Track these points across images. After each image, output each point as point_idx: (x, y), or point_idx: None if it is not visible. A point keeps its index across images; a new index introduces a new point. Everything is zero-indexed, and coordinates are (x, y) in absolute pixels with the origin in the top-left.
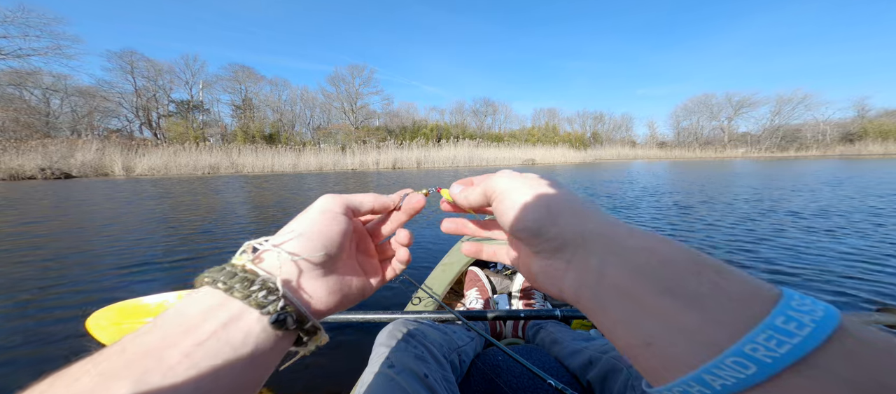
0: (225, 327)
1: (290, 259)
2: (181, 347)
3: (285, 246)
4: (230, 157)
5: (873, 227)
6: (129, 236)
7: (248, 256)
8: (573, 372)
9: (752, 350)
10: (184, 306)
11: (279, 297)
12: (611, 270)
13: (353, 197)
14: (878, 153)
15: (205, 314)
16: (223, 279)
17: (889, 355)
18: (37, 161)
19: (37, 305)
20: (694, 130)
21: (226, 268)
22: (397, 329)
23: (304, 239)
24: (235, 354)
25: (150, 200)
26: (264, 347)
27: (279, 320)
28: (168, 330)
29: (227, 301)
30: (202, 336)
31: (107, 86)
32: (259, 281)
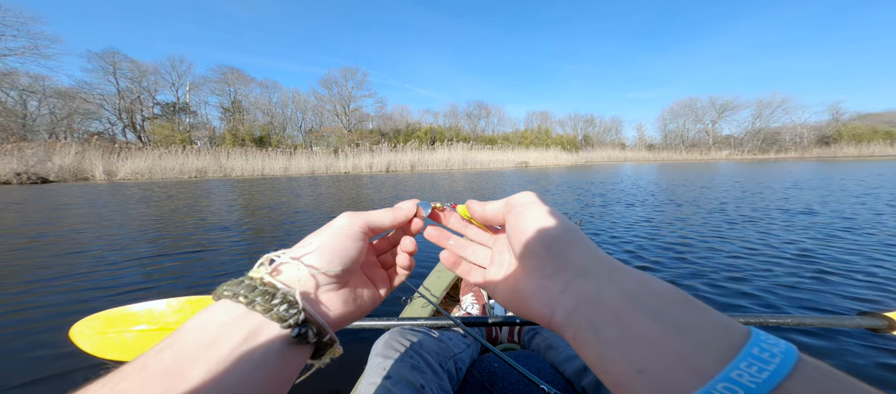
0: (246, 342)
1: (309, 272)
2: (202, 363)
3: (304, 259)
4: (218, 160)
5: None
6: (113, 242)
7: (265, 269)
8: (568, 378)
9: (738, 376)
10: (202, 320)
11: (300, 310)
12: (607, 297)
13: (372, 216)
14: (853, 155)
15: (224, 329)
16: (244, 293)
17: (839, 380)
18: (12, 165)
19: (17, 315)
20: (680, 133)
21: (244, 281)
22: (393, 339)
23: (324, 252)
24: (255, 369)
25: (133, 204)
26: (283, 361)
27: (300, 334)
28: (187, 346)
29: (247, 315)
30: (223, 352)
31: (87, 87)
32: (279, 295)
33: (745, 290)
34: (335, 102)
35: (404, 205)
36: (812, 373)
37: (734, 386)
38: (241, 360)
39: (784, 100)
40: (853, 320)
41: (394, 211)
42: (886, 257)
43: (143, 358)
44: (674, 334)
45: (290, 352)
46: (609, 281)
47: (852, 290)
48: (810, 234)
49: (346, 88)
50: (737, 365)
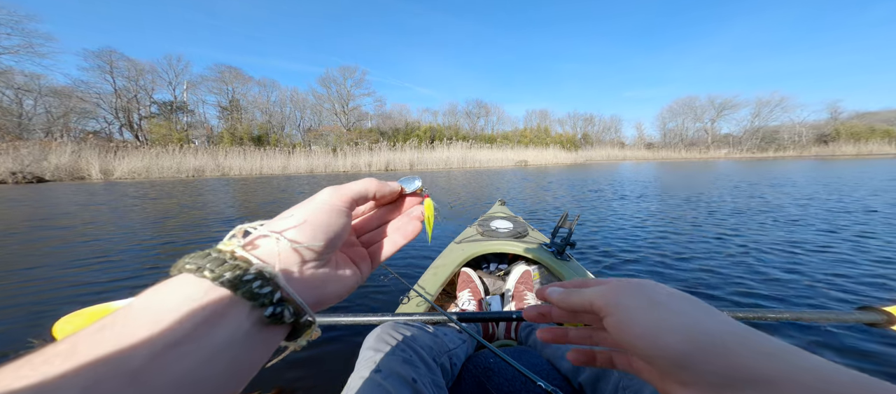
0: (206, 324)
1: (290, 247)
2: (149, 348)
3: (287, 233)
4: (216, 159)
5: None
6: (102, 240)
7: (237, 241)
8: (564, 374)
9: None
10: (154, 296)
11: (276, 288)
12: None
13: (356, 188)
14: (851, 154)
15: (181, 307)
16: (210, 266)
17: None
18: (7, 165)
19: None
20: (679, 132)
21: (211, 253)
22: (385, 333)
23: (306, 226)
24: (217, 354)
25: (127, 202)
26: (252, 344)
27: (275, 314)
28: (134, 326)
29: (212, 291)
30: (177, 336)
31: (84, 86)
32: (253, 270)
33: (745, 284)
34: (334, 101)
35: (392, 184)
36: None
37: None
38: (198, 347)
39: (783, 99)
40: (852, 315)
41: (380, 183)
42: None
43: (77, 337)
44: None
45: (261, 334)
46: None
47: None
48: (805, 230)
49: (344, 87)
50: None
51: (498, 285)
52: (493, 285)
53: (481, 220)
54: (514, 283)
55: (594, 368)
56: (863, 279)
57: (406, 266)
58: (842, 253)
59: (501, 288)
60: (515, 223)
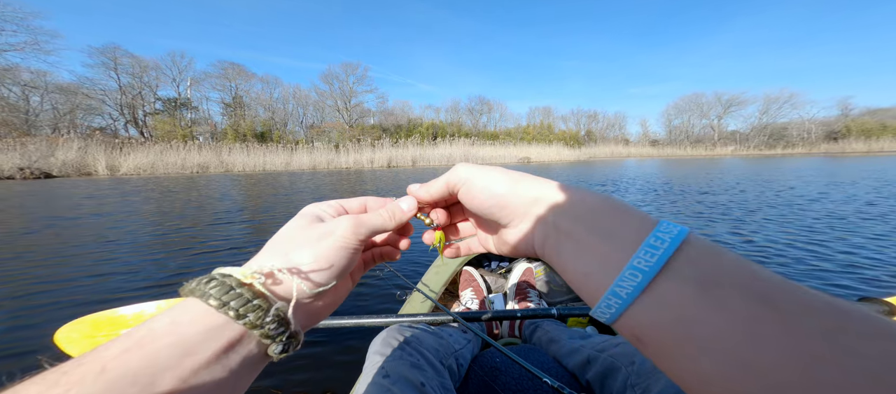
0: (226, 350)
1: (307, 288)
2: (177, 372)
3: (302, 272)
4: (220, 155)
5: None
6: (107, 241)
7: (260, 278)
8: (571, 371)
9: (638, 263)
10: (174, 320)
11: (289, 329)
12: (561, 222)
13: (375, 223)
14: (862, 151)
15: (205, 338)
16: (234, 305)
17: (717, 255)
18: (15, 160)
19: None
20: (685, 129)
21: (233, 287)
22: (391, 336)
23: (321, 266)
24: (234, 376)
25: (133, 199)
26: (258, 366)
27: (284, 350)
28: (158, 350)
29: (230, 325)
30: (201, 361)
31: (89, 83)
32: (272, 311)
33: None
34: (336, 98)
35: (404, 205)
36: (692, 253)
37: (636, 271)
38: (219, 368)
39: (792, 95)
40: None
41: (391, 213)
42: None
43: (103, 357)
44: (603, 240)
45: (265, 359)
46: (558, 208)
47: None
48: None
49: (346, 84)
50: (638, 254)
51: (500, 283)
52: (495, 283)
53: None
54: (517, 280)
55: (602, 365)
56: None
57: (408, 266)
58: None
59: (504, 286)
60: None
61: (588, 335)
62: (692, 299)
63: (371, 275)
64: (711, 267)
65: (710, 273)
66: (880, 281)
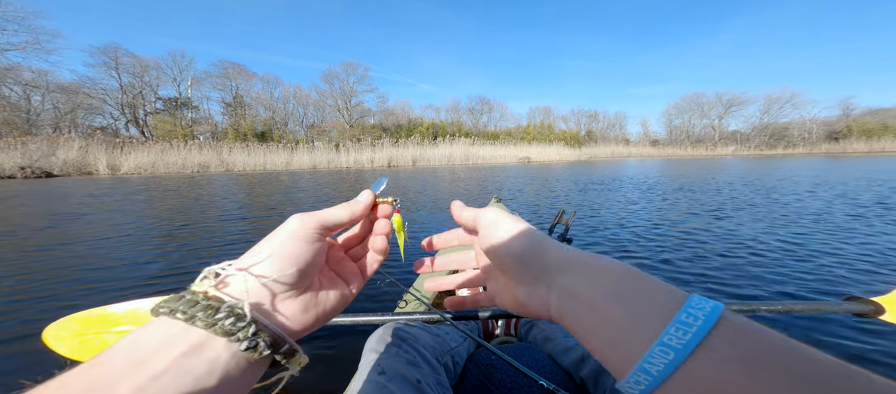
0: (185, 357)
1: (258, 283)
2: (132, 380)
3: (253, 269)
4: (220, 155)
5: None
6: (102, 239)
7: (209, 282)
8: (566, 369)
9: (668, 340)
10: (135, 337)
11: (249, 322)
12: (581, 290)
13: (327, 216)
14: (863, 151)
15: (161, 344)
16: (183, 308)
17: (755, 332)
18: (16, 159)
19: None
20: (686, 129)
21: (185, 296)
22: (387, 333)
23: (274, 260)
24: (199, 385)
25: (133, 198)
26: (235, 374)
27: (251, 347)
28: (118, 363)
29: (188, 330)
30: (158, 368)
31: (90, 82)
32: (225, 308)
33: (739, 277)
34: (336, 97)
35: (361, 197)
36: (733, 330)
37: (666, 348)
38: (180, 376)
39: (793, 95)
40: (841, 306)
41: (351, 205)
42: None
43: (65, 376)
44: (629, 312)
45: (242, 365)
46: (580, 275)
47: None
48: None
49: (347, 83)
50: (668, 330)
51: None
52: None
53: None
54: None
55: (595, 363)
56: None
57: (405, 264)
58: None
59: None
60: None
61: None
62: (736, 380)
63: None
64: (755, 347)
65: (754, 353)
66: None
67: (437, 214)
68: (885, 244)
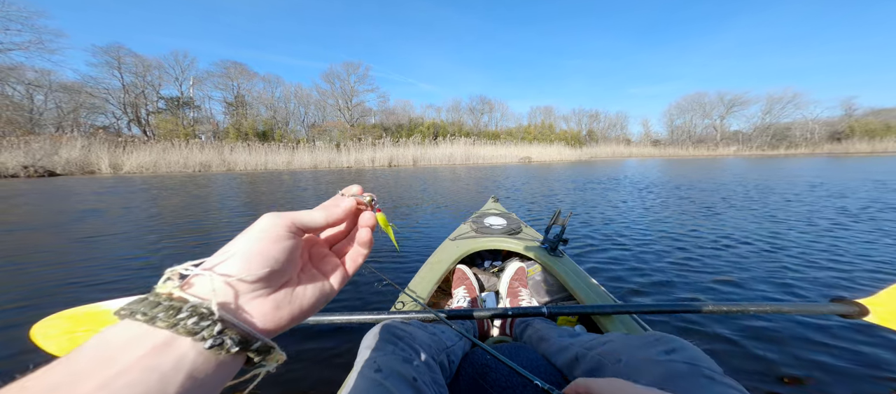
0: (151, 355)
1: (224, 282)
2: (97, 377)
3: (219, 268)
4: (222, 154)
5: None
6: (99, 238)
7: (173, 283)
8: (560, 368)
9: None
10: (100, 338)
11: (215, 321)
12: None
13: (302, 216)
14: (865, 151)
15: (127, 342)
16: (143, 310)
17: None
18: (19, 158)
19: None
20: (687, 129)
21: (148, 298)
22: (383, 331)
23: (241, 259)
24: (166, 380)
25: (133, 197)
26: (204, 371)
27: (216, 345)
28: (82, 363)
29: (153, 330)
30: (123, 365)
31: (92, 81)
32: (187, 308)
33: (731, 277)
34: (337, 97)
35: (343, 202)
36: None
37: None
38: (146, 373)
39: (796, 95)
40: (827, 307)
41: (327, 209)
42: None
43: (25, 378)
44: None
45: (211, 362)
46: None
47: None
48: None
49: (348, 83)
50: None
51: (492, 282)
52: (488, 282)
53: (475, 217)
54: (509, 279)
55: (590, 363)
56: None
57: (402, 263)
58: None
59: (496, 285)
60: (509, 220)
61: (577, 334)
62: None
63: (363, 272)
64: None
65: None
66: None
67: (438, 213)
68: (874, 247)
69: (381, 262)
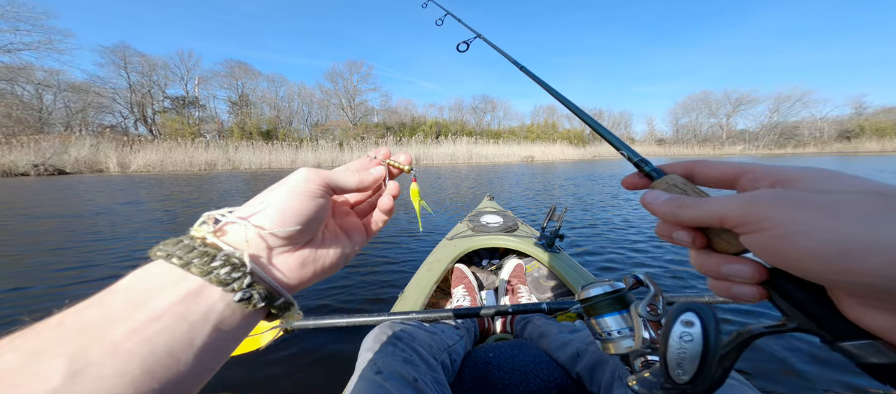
0: (182, 303)
1: (257, 234)
2: (130, 321)
3: (254, 219)
4: (227, 153)
5: None
6: (106, 235)
7: (208, 228)
8: (562, 364)
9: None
10: (134, 279)
11: (246, 273)
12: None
13: (336, 177)
14: (875, 150)
15: (160, 288)
16: (179, 253)
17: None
18: (30, 157)
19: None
20: (692, 128)
21: (183, 241)
22: (384, 332)
23: (276, 212)
24: (195, 329)
25: (143, 194)
26: (230, 322)
27: (245, 298)
28: (115, 304)
29: (185, 277)
30: (155, 311)
31: (100, 81)
32: (221, 256)
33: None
34: (340, 96)
35: (375, 170)
36: None
37: None
38: (176, 320)
39: (804, 93)
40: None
41: (360, 173)
42: None
43: (61, 314)
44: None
45: (237, 314)
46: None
47: None
48: None
49: (350, 82)
50: None
51: (491, 280)
52: (487, 280)
53: (471, 215)
54: (507, 276)
55: (592, 358)
56: None
57: (400, 263)
58: None
59: (495, 282)
60: (505, 218)
61: (577, 329)
62: None
63: (362, 273)
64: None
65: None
66: None
67: (436, 213)
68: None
69: (379, 262)
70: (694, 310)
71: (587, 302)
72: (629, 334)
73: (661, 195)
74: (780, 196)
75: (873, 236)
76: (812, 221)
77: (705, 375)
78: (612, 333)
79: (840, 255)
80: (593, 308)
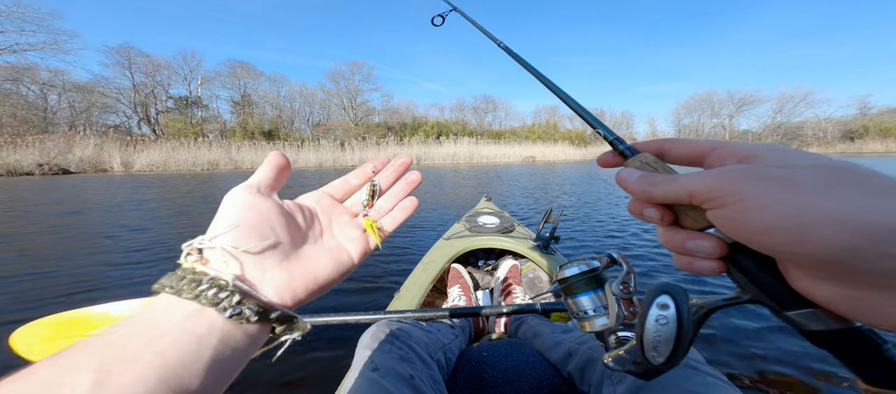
0: (187, 319)
1: (231, 253)
2: (144, 337)
3: (224, 242)
4: (229, 153)
5: None
6: (107, 235)
7: (193, 258)
8: (554, 364)
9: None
10: (142, 310)
11: (232, 292)
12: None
13: (256, 174)
14: (879, 151)
15: (166, 311)
16: (170, 284)
17: None
18: (34, 157)
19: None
20: (695, 128)
21: (176, 272)
22: (380, 330)
23: (239, 232)
24: (202, 342)
25: (146, 195)
26: (233, 336)
27: (236, 314)
28: (130, 328)
29: (181, 302)
30: (164, 329)
31: (104, 81)
32: (207, 280)
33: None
34: (342, 96)
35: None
36: None
37: None
38: (183, 334)
39: (808, 93)
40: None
41: (276, 159)
42: None
43: (89, 338)
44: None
45: (240, 330)
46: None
47: None
48: None
49: (352, 82)
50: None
51: (487, 280)
52: (483, 280)
53: (468, 216)
54: (503, 277)
55: (582, 357)
56: None
57: (398, 262)
58: None
59: (490, 283)
60: (501, 219)
61: (570, 329)
62: None
63: (359, 273)
64: None
65: None
66: None
67: (434, 213)
68: None
69: (377, 261)
70: (668, 292)
71: (564, 282)
72: (604, 312)
73: (634, 173)
74: (744, 171)
75: (825, 208)
76: (771, 195)
77: (679, 355)
78: (588, 311)
79: (796, 227)
80: (570, 288)
